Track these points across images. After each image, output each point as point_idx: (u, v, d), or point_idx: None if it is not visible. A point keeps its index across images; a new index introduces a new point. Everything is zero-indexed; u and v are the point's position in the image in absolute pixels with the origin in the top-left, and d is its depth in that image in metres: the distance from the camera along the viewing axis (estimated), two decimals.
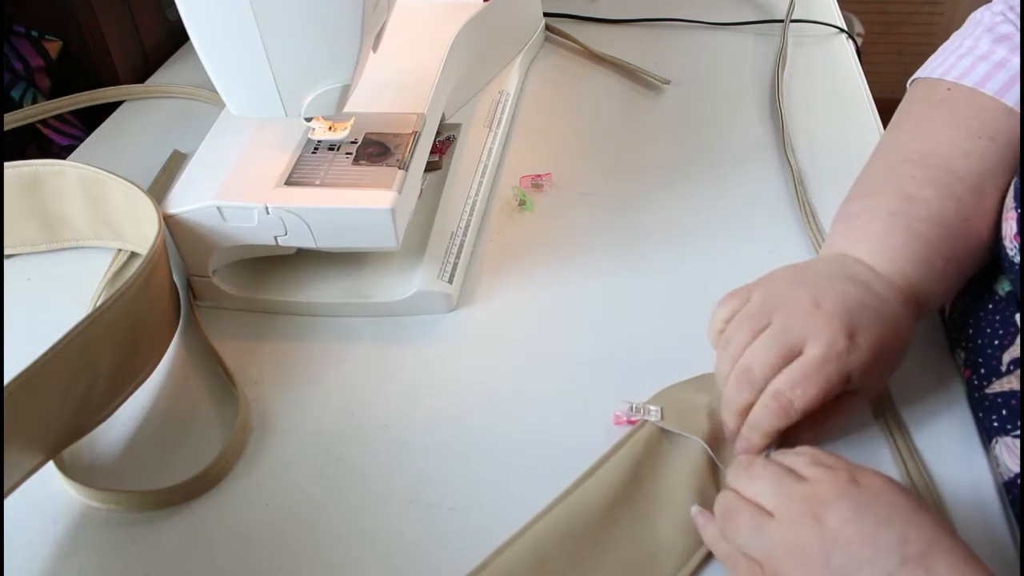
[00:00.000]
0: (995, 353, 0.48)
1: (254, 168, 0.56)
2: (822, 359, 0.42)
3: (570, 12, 0.94)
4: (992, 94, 0.52)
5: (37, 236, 0.63)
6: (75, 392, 0.45)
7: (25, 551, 0.44)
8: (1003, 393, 0.46)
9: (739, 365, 0.44)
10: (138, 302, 0.49)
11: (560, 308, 0.57)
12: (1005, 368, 0.46)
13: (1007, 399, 0.46)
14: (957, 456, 0.46)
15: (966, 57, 0.54)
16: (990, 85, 0.52)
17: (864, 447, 0.47)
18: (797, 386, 0.42)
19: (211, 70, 0.51)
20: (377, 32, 0.55)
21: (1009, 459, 0.44)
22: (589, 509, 0.44)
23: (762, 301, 0.46)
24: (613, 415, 0.49)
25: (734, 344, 0.45)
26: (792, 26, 0.89)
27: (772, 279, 0.48)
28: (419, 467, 0.48)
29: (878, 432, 0.48)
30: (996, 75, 0.52)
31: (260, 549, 0.44)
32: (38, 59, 0.81)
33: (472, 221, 0.62)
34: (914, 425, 0.48)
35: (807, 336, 0.43)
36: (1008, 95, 0.51)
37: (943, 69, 0.55)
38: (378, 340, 0.56)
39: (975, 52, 0.54)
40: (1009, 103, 0.51)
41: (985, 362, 0.48)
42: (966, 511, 0.43)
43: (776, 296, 0.46)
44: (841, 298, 0.44)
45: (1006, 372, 0.46)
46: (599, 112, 0.78)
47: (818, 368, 0.42)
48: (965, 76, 0.53)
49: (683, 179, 0.69)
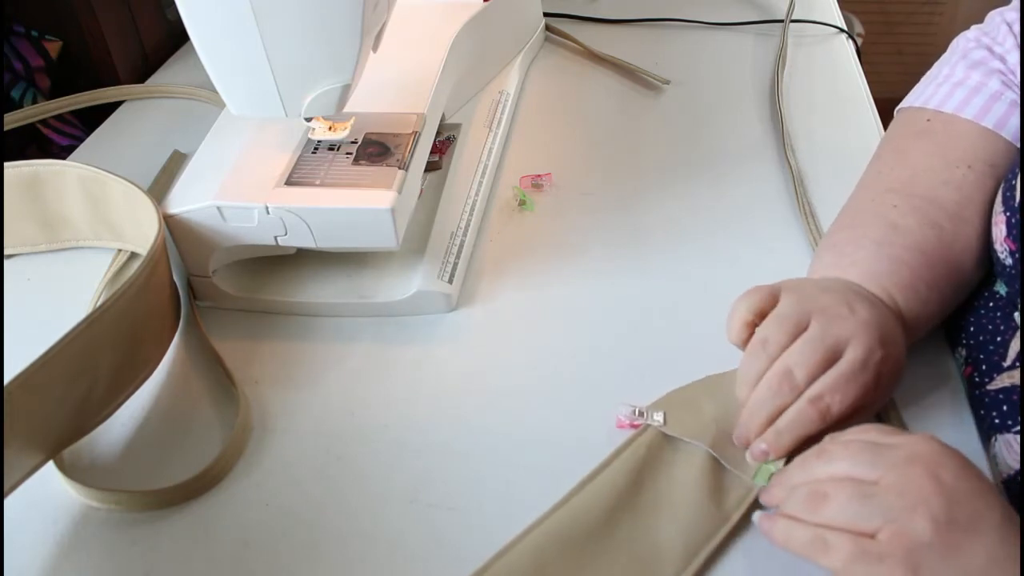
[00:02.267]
0: (997, 349, 0.48)
1: (254, 168, 0.56)
2: (862, 365, 0.42)
3: (570, 12, 0.94)
4: (971, 118, 0.53)
5: (37, 236, 0.63)
6: (75, 392, 0.45)
7: (25, 551, 0.44)
8: (1004, 389, 0.46)
9: (778, 366, 0.43)
10: (138, 302, 0.49)
11: (560, 308, 0.57)
12: (1009, 363, 0.46)
13: (1008, 395, 0.46)
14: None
15: (944, 85, 0.56)
16: (968, 110, 0.53)
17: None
18: (837, 391, 0.42)
19: (211, 70, 0.51)
20: (377, 32, 0.55)
21: (1009, 457, 0.44)
22: (591, 513, 0.44)
23: (797, 301, 0.45)
24: (616, 418, 0.48)
25: (772, 344, 0.44)
26: (792, 26, 0.89)
27: (797, 283, 0.48)
28: (419, 467, 0.48)
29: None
30: (973, 100, 0.53)
31: (260, 549, 0.44)
32: (38, 59, 0.81)
33: (472, 221, 0.62)
34: (914, 424, 0.48)
35: (848, 340, 0.43)
36: (986, 118, 0.53)
37: (924, 98, 0.56)
38: (378, 340, 0.56)
39: (951, 79, 0.55)
40: (988, 125, 0.52)
41: (987, 358, 0.48)
42: None
43: (811, 298, 0.45)
44: (869, 305, 0.45)
45: (1008, 368, 0.46)
46: (599, 112, 0.78)
47: (857, 374, 0.42)
48: (944, 104, 0.55)
49: (683, 179, 0.69)
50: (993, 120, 0.52)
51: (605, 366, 0.53)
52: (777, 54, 0.84)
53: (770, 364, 0.44)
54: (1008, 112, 0.53)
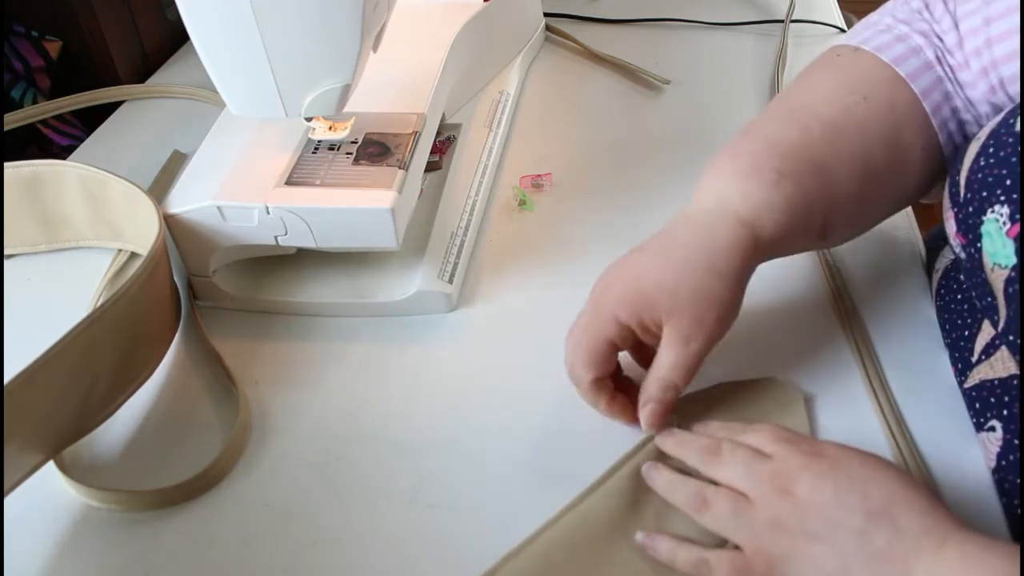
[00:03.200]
0: (967, 345, 0.48)
1: (254, 168, 0.56)
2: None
3: (570, 12, 0.94)
4: (885, 60, 0.51)
5: (37, 236, 0.63)
6: (75, 392, 0.45)
7: (25, 551, 0.44)
8: (975, 386, 0.47)
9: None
10: (139, 302, 0.49)
11: (560, 308, 0.57)
12: (976, 358, 0.47)
13: (979, 391, 0.46)
14: (955, 450, 0.46)
15: (871, 28, 0.53)
16: (888, 54, 0.51)
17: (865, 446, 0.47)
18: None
19: (211, 70, 0.51)
20: (377, 32, 0.55)
21: (984, 456, 0.45)
22: (601, 517, 0.43)
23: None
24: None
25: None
26: (792, 26, 0.89)
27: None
28: (419, 467, 0.48)
29: (879, 434, 0.48)
30: (896, 46, 0.51)
31: (260, 549, 0.44)
32: (38, 59, 0.81)
33: (472, 221, 0.62)
34: (914, 424, 0.48)
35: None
36: (903, 66, 0.50)
37: (845, 38, 0.55)
38: (378, 340, 0.56)
39: (878, 26, 0.53)
40: (902, 73, 0.50)
41: (960, 356, 0.48)
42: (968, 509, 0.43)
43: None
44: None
45: (976, 363, 0.46)
46: (599, 112, 0.78)
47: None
48: (864, 43, 0.52)
49: (683, 179, 0.68)
50: (908, 70, 0.50)
51: None
52: (777, 54, 0.84)
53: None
54: (922, 70, 0.50)
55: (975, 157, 0.45)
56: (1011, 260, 0.42)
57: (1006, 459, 0.43)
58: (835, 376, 0.51)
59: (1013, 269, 0.42)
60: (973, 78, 0.49)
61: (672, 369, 0.45)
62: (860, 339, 0.53)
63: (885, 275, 0.58)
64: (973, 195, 0.44)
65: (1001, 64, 0.47)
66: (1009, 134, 0.43)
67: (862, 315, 0.55)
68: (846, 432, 0.48)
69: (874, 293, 0.56)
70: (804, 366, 0.52)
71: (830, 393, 0.50)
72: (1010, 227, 0.41)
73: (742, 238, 0.46)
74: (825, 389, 0.50)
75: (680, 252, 0.46)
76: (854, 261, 0.59)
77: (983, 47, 0.48)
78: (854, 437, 0.47)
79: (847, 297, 0.56)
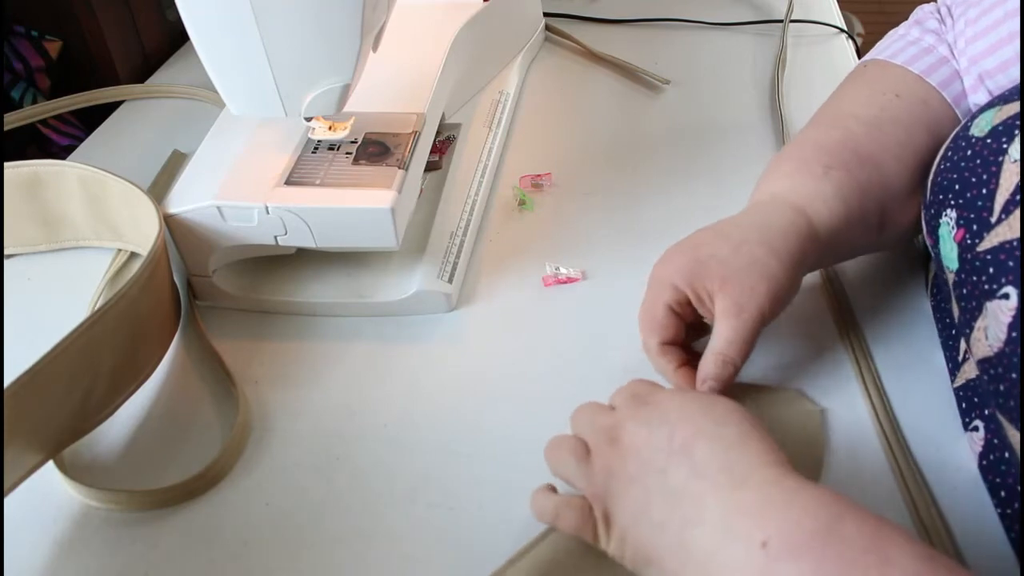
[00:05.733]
0: (956, 344, 0.48)
1: (254, 168, 0.56)
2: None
3: (570, 12, 0.94)
4: (914, 71, 0.53)
5: (37, 236, 0.63)
6: (76, 392, 0.45)
7: (25, 551, 0.44)
8: (962, 386, 0.47)
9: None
10: (139, 302, 0.49)
11: (560, 308, 0.57)
12: (962, 357, 0.47)
13: (965, 391, 0.46)
14: (950, 450, 0.46)
15: (898, 42, 0.56)
16: (917, 66, 0.53)
17: (866, 442, 0.47)
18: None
19: (211, 70, 0.51)
20: (377, 32, 0.55)
21: (968, 454, 0.45)
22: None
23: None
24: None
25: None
26: (792, 26, 0.89)
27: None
28: (419, 467, 0.48)
29: (876, 434, 0.48)
30: (924, 58, 0.54)
31: (260, 549, 0.44)
32: (38, 59, 0.81)
33: (472, 221, 0.62)
34: (911, 424, 0.48)
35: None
36: (932, 76, 0.53)
37: (876, 52, 0.57)
38: (378, 340, 0.56)
39: (906, 38, 0.56)
40: (932, 83, 0.53)
41: (951, 355, 0.49)
42: (966, 509, 0.44)
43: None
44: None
45: (963, 362, 0.47)
46: (599, 112, 0.78)
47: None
48: (894, 58, 0.55)
49: (683, 179, 0.69)
50: (938, 80, 0.53)
51: (605, 366, 0.53)
52: (777, 54, 0.84)
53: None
54: (950, 76, 0.53)
55: (938, 161, 0.46)
56: (954, 264, 0.42)
57: (987, 459, 0.43)
58: (832, 376, 0.51)
59: (956, 274, 0.42)
60: (972, 83, 0.51)
61: (728, 344, 0.45)
62: (855, 339, 0.53)
63: (884, 273, 0.58)
64: (934, 197, 0.46)
65: (980, 60, 0.50)
66: (964, 138, 0.44)
67: (859, 316, 0.55)
68: (847, 432, 0.48)
69: (873, 293, 0.56)
70: (802, 366, 0.52)
71: (831, 394, 0.50)
72: (956, 231, 0.42)
73: (797, 223, 0.48)
74: (825, 390, 0.50)
75: (737, 232, 0.48)
76: (854, 260, 0.59)
77: (965, 47, 0.51)
78: (853, 437, 0.48)
79: (843, 299, 0.56)
